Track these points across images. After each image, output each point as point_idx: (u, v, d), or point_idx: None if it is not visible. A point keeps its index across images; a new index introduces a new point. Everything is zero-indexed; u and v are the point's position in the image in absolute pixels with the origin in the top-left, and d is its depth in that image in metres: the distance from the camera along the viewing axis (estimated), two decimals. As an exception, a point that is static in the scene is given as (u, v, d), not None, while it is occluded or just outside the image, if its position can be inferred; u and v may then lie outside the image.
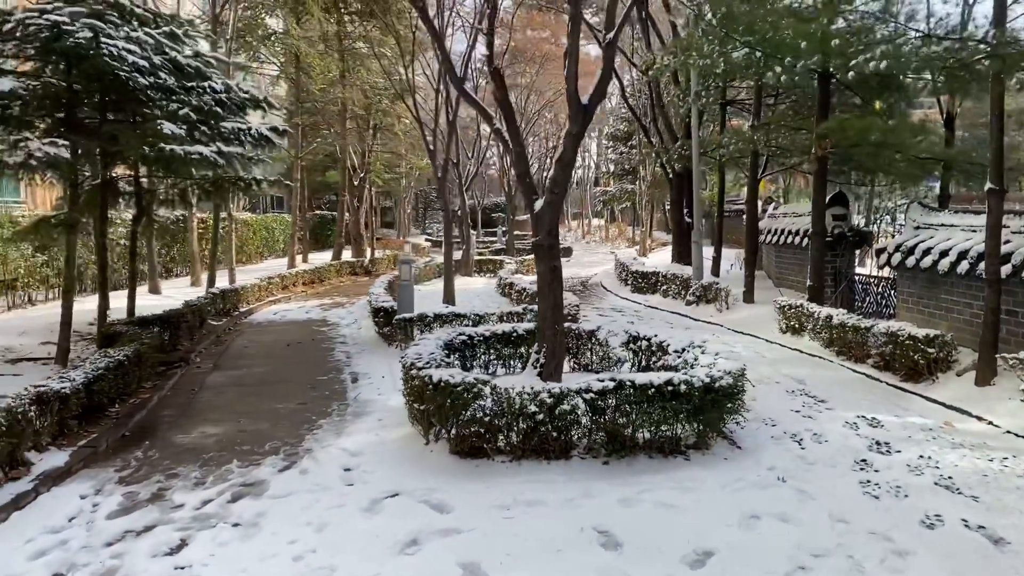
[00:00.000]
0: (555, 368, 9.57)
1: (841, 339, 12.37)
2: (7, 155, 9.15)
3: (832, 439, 8.34)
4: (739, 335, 15.39)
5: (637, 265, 23.84)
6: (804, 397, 10.25)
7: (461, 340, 10.43)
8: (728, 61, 13.36)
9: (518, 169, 9.81)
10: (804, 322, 13.73)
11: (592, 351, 10.97)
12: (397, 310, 14.20)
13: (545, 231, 9.49)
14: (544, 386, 7.62)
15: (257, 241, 38.81)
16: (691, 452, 7.78)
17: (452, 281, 18.48)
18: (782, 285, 19.26)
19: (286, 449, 8.42)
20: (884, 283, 14.95)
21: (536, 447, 7.54)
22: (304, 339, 16.04)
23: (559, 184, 9.48)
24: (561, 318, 9.73)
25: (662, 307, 19.67)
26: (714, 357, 8.66)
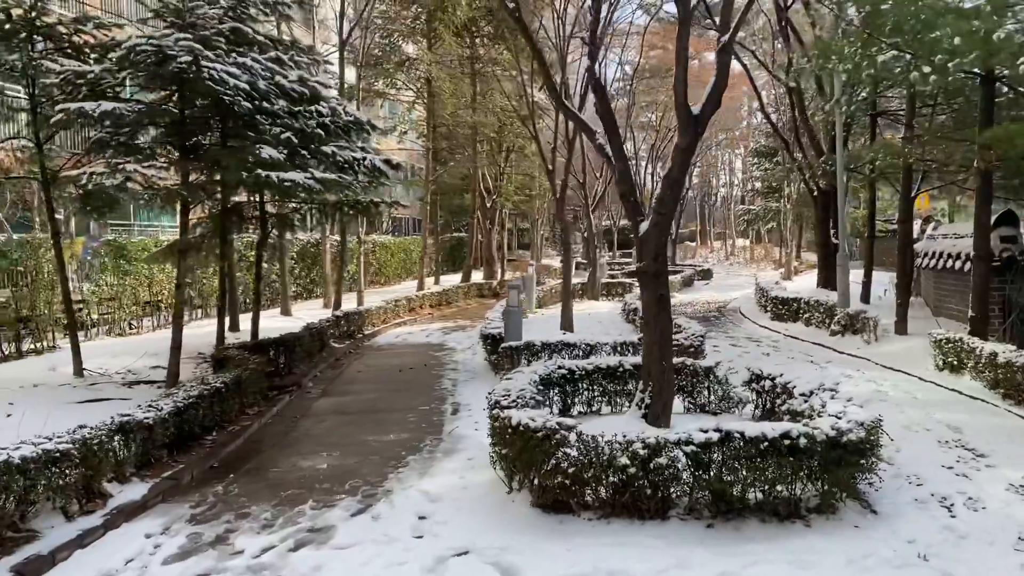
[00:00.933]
0: (662, 409, 8.63)
1: (1008, 380, 10.67)
2: (106, 178, 9.24)
3: (991, 506, 6.95)
4: (888, 371, 13.73)
5: (778, 290, 22.21)
6: (960, 450, 8.76)
7: (561, 374, 9.65)
8: (872, 65, 11.96)
9: (621, 188, 8.98)
10: (964, 359, 12.01)
11: (710, 390, 9.90)
12: (504, 337, 13.58)
13: (651, 256, 8.61)
14: (640, 434, 6.73)
15: (395, 263, 39.58)
16: (813, 517, 6.64)
17: (570, 306, 17.71)
18: (940, 314, 17.25)
19: (365, 489, 7.92)
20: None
21: (628, 504, 6.65)
22: (417, 364, 15.72)
23: (666, 204, 8.58)
24: (669, 353, 8.78)
25: (803, 337, 18.08)
26: (845, 404, 7.45)
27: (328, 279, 25.04)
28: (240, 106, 10.33)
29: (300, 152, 11.25)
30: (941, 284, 17.48)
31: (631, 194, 8.93)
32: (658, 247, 8.62)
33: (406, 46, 32.27)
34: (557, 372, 9.65)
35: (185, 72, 9.70)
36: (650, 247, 8.62)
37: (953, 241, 16.47)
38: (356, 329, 20.37)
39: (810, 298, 19.40)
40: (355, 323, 20.30)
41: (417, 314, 25.67)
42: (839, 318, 17.05)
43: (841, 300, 17.58)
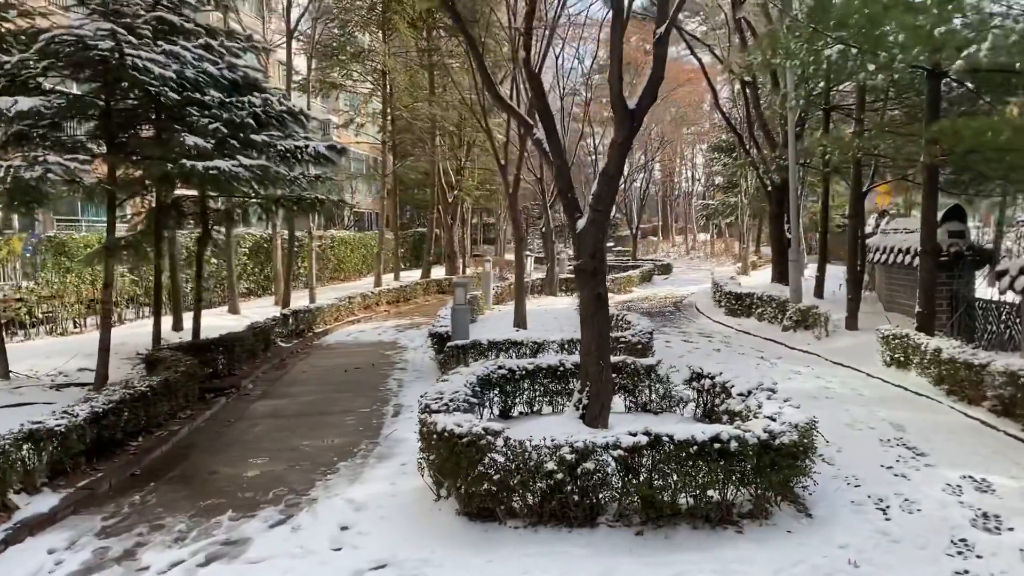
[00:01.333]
0: (600, 410, 8.43)
1: (952, 376, 10.63)
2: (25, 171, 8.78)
3: (927, 507, 6.82)
4: (837, 367, 13.68)
5: (732, 285, 22.16)
6: (901, 448, 8.66)
7: (501, 375, 9.39)
8: (819, 60, 11.84)
9: (559, 184, 8.74)
10: (910, 355, 11.98)
11: (652, 388, 9.70)
12: (451, 336, 13.29)
13: (588, 253, 8.38)
14: (569, 438, 6.49)
15: (355, 259, 39.06)
16: (746, 522, 6.46)
17: (523, 303, 17.46)
18: (892, 309, 17.29)
19: (289, 498, 7.60)
20: (1011, 310, 12.94)
21: (556, 511, 6.41)
22: (365, 363, 15.37)
23: (603, 200, 8.35)
24: (607, 352, 8.57)
25: (755, 332, 18.02)
26: (781, 405, 7.28)
27: (280, 276, 24.53)
28: (167, 97, 9.91)
29: (229, 142, 10.83)
30: (892, 279, 17.52)
31: (569, 190, 8.69)
32: (595, 244, 8.39)
33: (362, 36, 31.77)
34: (497, 372, 9.39)
35: (107, 61, 9.26)
36: (587, 244, 8.39)
37: (904, 236, 16.50)
38: (306, 327, 19.94)
39: (763, 293, 19.36)
40: (305, 321, 19.87)
41: (373, 311, 25.27)
42: (791, 313, 17.01)
43: (793, 295, 17.55)
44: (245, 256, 27.35)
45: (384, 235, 42.58)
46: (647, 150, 47.51)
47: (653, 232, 67.17)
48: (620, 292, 30.55)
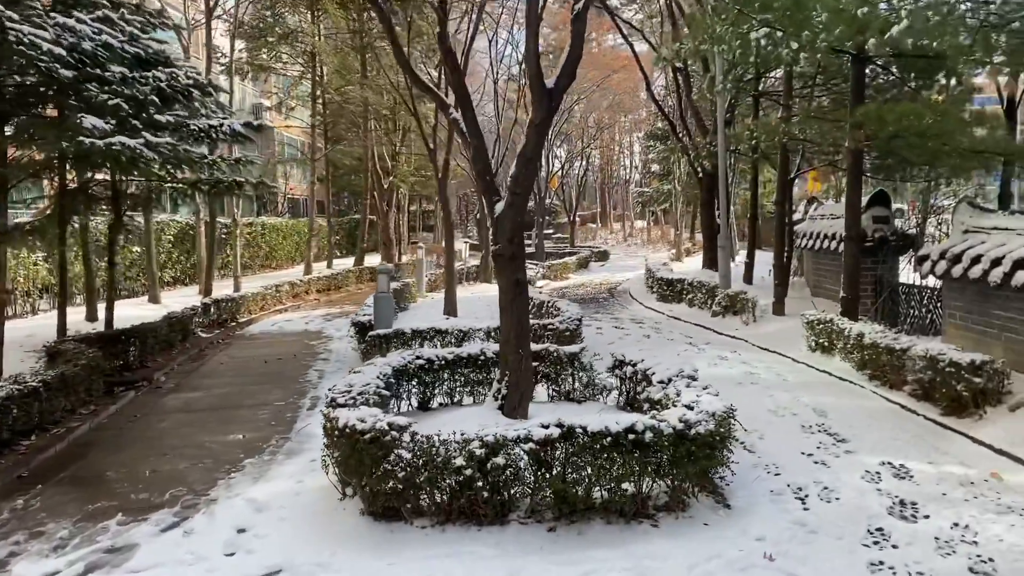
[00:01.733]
0: (519, 400, 8.15)
1: (874, 361, 10.65)
2: None
3: (845, 496, 6.72)
4: (763, 352, 13.69)
5: (664, 272, 22.16)
6: (822, 435, 8.59)
7: (419, 365, 9.03)
8: (745, 43, 11.72)
9: (477, 166, 8.41)
10: (834, 340, 12.00)
11: (575, 377, 9.46)
12: (373, 325, 12.88)
13: (506, 238, 8.07)
14: (480, 431, 6.17)
15: (288, 246, 38.12)
16: (662, 515, 6.25)
17: (453, 291, 17.11)
18: (819, 295, 17.43)
19: (187, 499, 7.14)
20: (933, 294, 13.09)
21: (465, 508, 6.10)
22: (287, 354, 14.84)
23: (521, 182, 8.04)
24: (527, 341, 8.29)
25: (686, 318, 18.00)
26: (699, 393, 7.09)
27: (203, 264, 23.63)
28: (59, 73, 9.24)
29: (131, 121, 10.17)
30: (819, 264, 17.66)
31: (486, 172, 8.36)
32: (514, 229, 8.09)
33: (291, 17, 30.83)
34: (414, 363, 9.03)
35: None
36: (505, 229, 8.08)
37: (830, 222, 16.61)
38: (229, 317, 19.23)
39: (693, 279, 19.37)
40: (228, 310, 19.16)
41: (302, 300, 24.59)
42: (720, 299, 17.02)
43: (723, 281, 17.56)
44: (170, 243, 26.33)
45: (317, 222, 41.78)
46: (584, 136, 47.49)
47: (592, 219, 67.34)
48: (557, 279, 30.41)
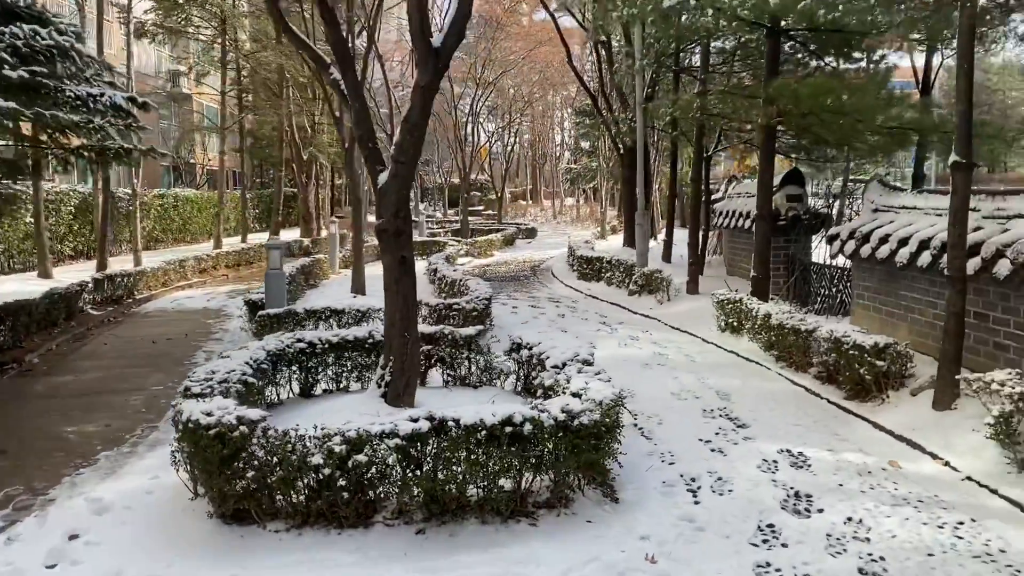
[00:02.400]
0: (404, 387, 7.57)
1: (781, 342, 10.41)
2: None
3: (739, 487, 6.36)
4: (675, 332, 13.41)
5: (584, 250, 21.79)
6: (723, 419, 8.27)
7: (299, 348, 8.36)
8: (656, 10, 11.26)
9: (359, 130, 7.75)
10: (743, 320, 11.75)
11: (472, 360, 8.93)
12: (265, 304, 12.12)
13: (391, 211, 7.45)
14: (342, 427, 5.58)
15: (203, 219, 36.71)
16: (544, 513, 5.78)
17: (362, 268, 16.41)
18: (735, 273, 17.29)
19: (22, 499, 6.39)
20: (843, 274, 12.95)
21: (325, 511, 5.52)
22: (180, 334, 13.95)
23: (406, 150, 7.42)
24: (414, 323, 7.72)
25: (603, 297, 17.66)
26: (587, 380, 6.61)
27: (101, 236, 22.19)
28: None
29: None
30: (734, 243, 17.51)
31: (369, 139, 7.70)
32: (399, 202, 7.47)
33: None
34: (295, 346, 8.35)
35: None
36: (390, 202, 7.46)
37: (745, 200, 16.40)
38: (126, 293, 18.14)
39: (612, 258, 19.03)
40: (124, 286, 18.06)
41: (209, 275, 23.51)
42: (636, 278, 16.71)
43: (639, 260, 17.25)
44: (71, 215, 24.83)
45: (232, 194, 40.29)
46: (512, 110, 46.82)
47: (523, 196, 66.89)
48: (481, 256, 29.84)
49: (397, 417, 5.77)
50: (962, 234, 7.64)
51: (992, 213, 8.40)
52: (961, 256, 7.65)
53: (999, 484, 6.21)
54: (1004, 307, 8.07)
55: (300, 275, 18.86)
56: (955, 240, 7.63)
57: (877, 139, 12.97)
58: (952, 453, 6.91)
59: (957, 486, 6.36)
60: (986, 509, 5.90)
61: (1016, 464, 6.32)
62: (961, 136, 7.62)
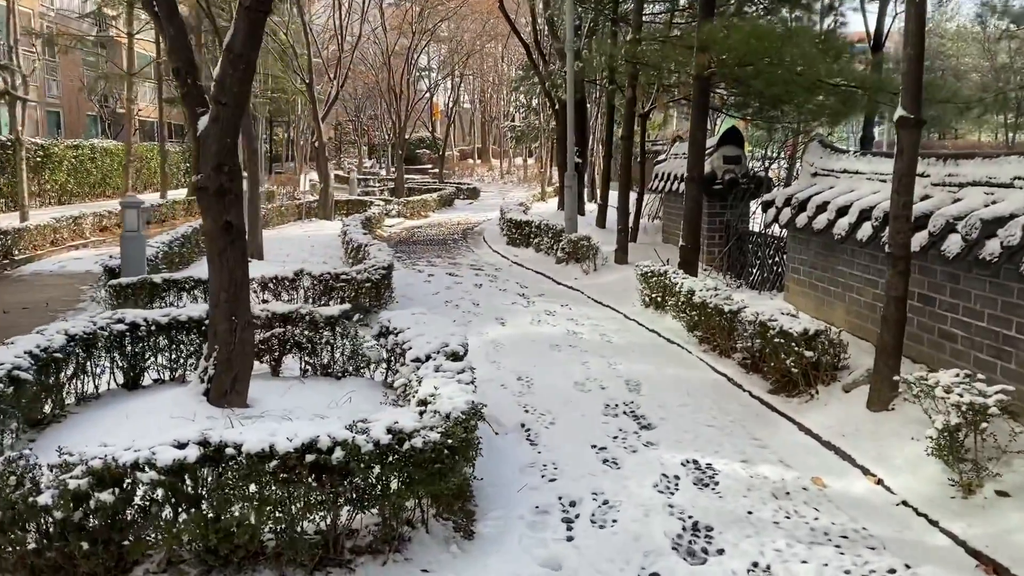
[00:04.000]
0: (233, 383, 6.17)
1: (705, 323, 9.20)
2: None
3: (626, 516, 5.12)
4: (596, 307, 12.17)
5: (515, 212, 20.41)
6: (626, 418, 7.04)
7: (119, 331, 6.89)
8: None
9: (174, 61, 6.19)
10: (667, 295, 10.53)
11: (336, 346, 7.54)
12: (120, 271, 10.56)
13: (212, 164, 5.99)
14: (83, 454, 4.17)
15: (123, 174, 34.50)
16: (365, 560, 4.47)
17: (258, 230, 14.83)
18: (670, 241, 16.06)
19: None
20: (781, 244, 11.77)
21: (63, 563, 4.13)
22: (41, 302, 12.29)
23: (229, 89, 5.93)
24: (244, 303, 6.30)
25: (529, 265, 16.34)
26: (436, 385, 5.26)
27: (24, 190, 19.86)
28: None
29: None
30: (670, 208, 16.27)
31: (188, 72, 6.17)
32: (222, 152, 5.99)
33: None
34: (113, 328, 6.88)
35: None
36: (211, 152, 5.98)
37: (682, 161, 15.06)
38: (1, 253, 16.32)
39: (541, 222, 17.67)
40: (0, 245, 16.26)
41: (111, 234, 21.54)
42: (563, 245, 15.41)
43: (568, 225, 15.92)
44: None
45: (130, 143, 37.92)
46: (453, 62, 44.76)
47: (473, 155, 65.05)
48: (413, 217, 28.31)
49: (193, 430, 4.39)
50: (907, 203, 6.41)
51: (943, 180, 7.19)
52: (905, 230, 6.42)
53: (940, 513, 5.05)
54: (953, 290, 6.90)
55: (193, 238, 17.20)
56: (898, 211, 6.40)
57: (824, 99, 11.76)
58: (886, 468, 5.75)
59: (891, 514, 5.20)
60: (923, 549, 4.74)
61: (961, 487, 5.17)
62: (909, 86, 6.35)
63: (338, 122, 65.30)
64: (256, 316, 7.27)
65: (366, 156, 65.23)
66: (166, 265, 13.45)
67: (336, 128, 68.25)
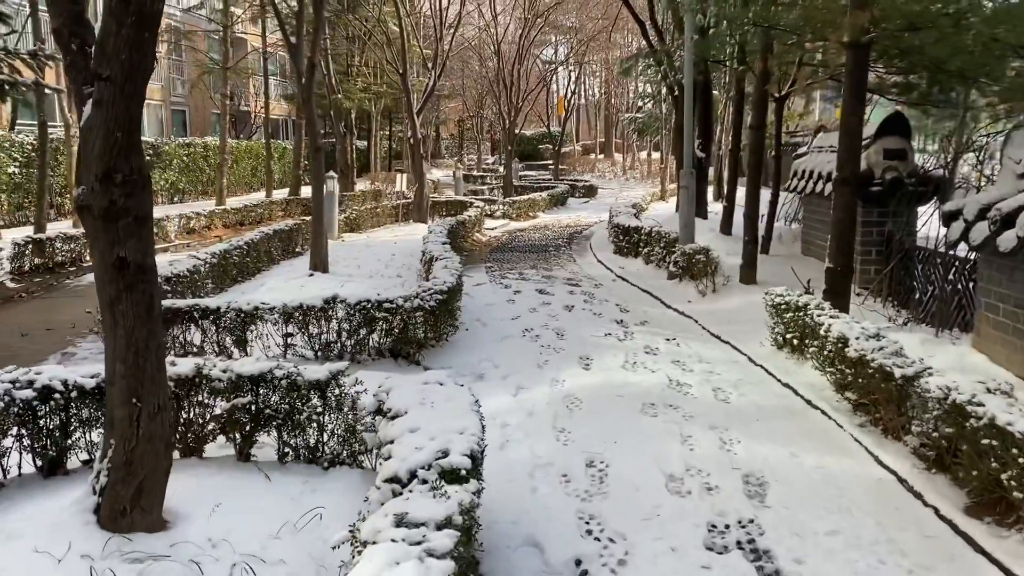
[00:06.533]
0: (136, 496, 4.16)
1: (864, 387, 6.52)
2: None
3: None
4: (712, 343, 9.56)
5: (624, 216, 17.83)
6: (740, 557, 4.56)
7: (24, 397, 4.98)
8: None
9: (54, 14, 4.15)
10: (807, 337, 7.85)
11: (324, 422, 5.38)
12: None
13: (97, 172, 3.95)
14: None
15: (241, 171, 34.30)
16: None
17: (322, 238, 12.97)
18: (811, 254, 13.16)
19: None
20: (966, 268, 8.78)
21: None
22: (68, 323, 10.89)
23: (114, 57, 3.87)
24: (150, 380, 4.23)
25: (635, 280, 13.79)
26: (405, 554, 3.00)
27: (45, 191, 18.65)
28: None
29: None
30: (811, 213, 13.33)
31: (73, 33, 4.11)
32: (110, 153, 3.94)
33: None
34: (17, 394, 4.98)
35: None
36: (93, 151, 3.96)
37: (828, 156, 12.16)
38: (69, 260, 15.38)
39: (652, 228, 15.04)
40: (66, 252, 15.28)
41: (200, 237, 20.50)
42: (676, 257, 12.80)
43: (683, 233, 13.24)
44: (20, 164, 21.23)
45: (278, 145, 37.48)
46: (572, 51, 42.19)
47: (596, 149, 62.32)
48: (520, 218, 26.16)
49: None
50: None
51: None
52: None
53: None
54: None
55: (275, 241, 15.70)
56: None
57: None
58: None
59: None
60: None
61: None
62: None
63: (460, 117, 64.12)
64: (216, 379, 5.24)
65: (488, 152, 63.76)
66: (214, 282, 11.83)
67: (459, 123, 67.15)
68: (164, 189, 28.30)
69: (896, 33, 8.22)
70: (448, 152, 66.77)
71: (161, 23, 4.40)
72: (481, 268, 15.67)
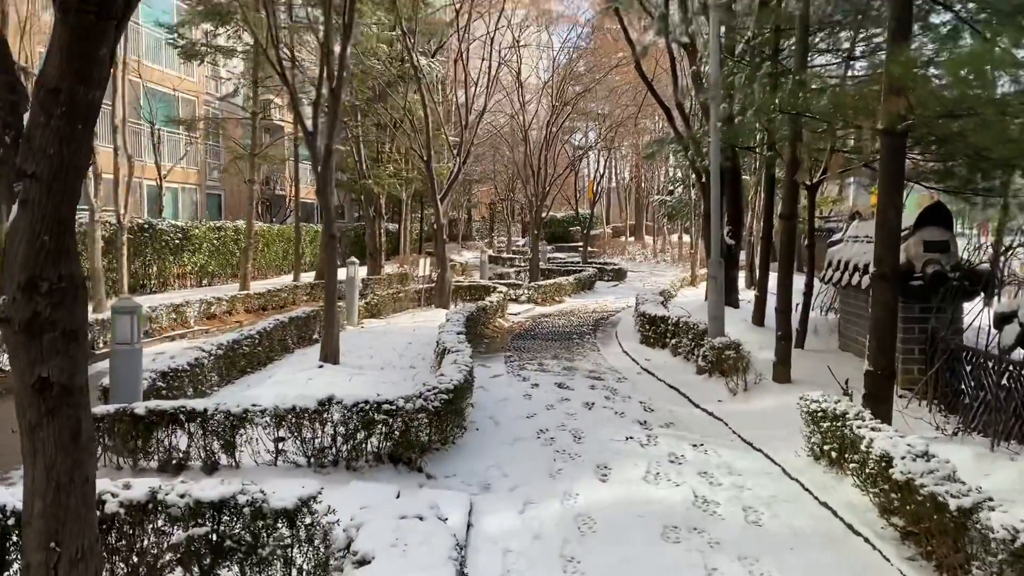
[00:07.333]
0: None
1: (913, 513, 5.72)
2: None
3: None
4: (743, 451, 8.78)
5: (651, 304, 17.20)
6: None
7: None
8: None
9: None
10: (846, 450, 7.08)
11: (301, 549, 4.75)
12: (110, 393, 8.35)
13: (19, 279, 3.48)
14: None
15: (271, 254, 34.45)
16: None
17: (334, 327, 12.48)
18: (849, 349, 12.38)
19: None
20: (1018, 373, 7.99)
21: None
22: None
23: (40, 152, 3.43)
24: (74, 519, 3.67)
25: (661, 374, 13.06)
26: None
27: (99, 274, 19.13)
28: None
29: None
30: (848, 306, 12.59)
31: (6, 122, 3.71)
32: (36, 259, 3.46)
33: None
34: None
35: None
36: (16, 260, 3.47)
37: (864, 247, 11.50)
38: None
39: (680, 318, 14.36)
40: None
41: (221, 322, 20.25)
42: (705, 351, 12.09)
43: (712, 325, 12.53)
44: None
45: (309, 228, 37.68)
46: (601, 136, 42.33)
47: (626, 232, 62.14)
48: (545, 303, 25.64)
49: None
50: None
51: None
52: None
53: None
54: None
55: (290, 329, 15.24)
56: None
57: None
58: None
59: None
60: None
61: None
62: None
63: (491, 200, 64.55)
64: (172, 504, 4.65)
65: (519, 234, 63.90)
66: (220, 374, 11.36)
67: (490, 206, 67.59)
68: (193, 272, 28.38)
69: (934, 120, 7.67)
70: (479, 234, 67.14)
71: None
72: (500, 357, 15.07)
